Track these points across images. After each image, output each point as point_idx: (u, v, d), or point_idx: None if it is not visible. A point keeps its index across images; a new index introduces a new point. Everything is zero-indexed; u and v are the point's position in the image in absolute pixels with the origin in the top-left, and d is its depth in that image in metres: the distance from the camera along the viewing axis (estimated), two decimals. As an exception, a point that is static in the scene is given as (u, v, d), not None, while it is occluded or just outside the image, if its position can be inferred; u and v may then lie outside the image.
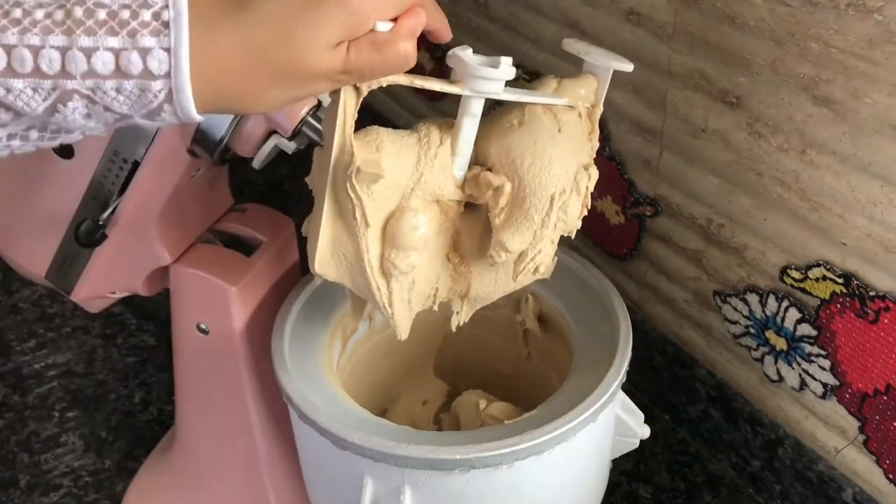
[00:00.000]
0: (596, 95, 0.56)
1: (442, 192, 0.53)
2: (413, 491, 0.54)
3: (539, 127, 0.53)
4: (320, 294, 0.66)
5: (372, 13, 0.42)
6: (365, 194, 0.50)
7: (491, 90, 0.50)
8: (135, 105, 0.40)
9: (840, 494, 0.69)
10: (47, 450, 0.85)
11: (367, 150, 0.50)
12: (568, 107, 0.55)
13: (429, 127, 0.53)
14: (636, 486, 0.79)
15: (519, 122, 0.53)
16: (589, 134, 0.56)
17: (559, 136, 0.53)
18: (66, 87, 0.39)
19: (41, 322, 1.00)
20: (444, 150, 0.52)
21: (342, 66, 0.42)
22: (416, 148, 0.52)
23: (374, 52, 0.43)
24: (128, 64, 0.38)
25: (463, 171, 0.54)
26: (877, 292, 0.61)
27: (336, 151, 0.49)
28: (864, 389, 0.64)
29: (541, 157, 0.52)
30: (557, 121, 0.54)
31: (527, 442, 0.52)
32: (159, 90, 0.39)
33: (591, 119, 0.56)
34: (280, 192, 1.17)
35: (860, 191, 0.59)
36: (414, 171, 0.51)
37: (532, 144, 0.52)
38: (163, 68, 0.38)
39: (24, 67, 0.38)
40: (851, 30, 0.55)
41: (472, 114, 0.51)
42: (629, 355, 0.59)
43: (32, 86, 0.39)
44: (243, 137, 0.58)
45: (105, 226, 0.61)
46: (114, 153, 0.60)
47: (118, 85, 0.39)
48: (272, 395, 0.68)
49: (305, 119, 0.58)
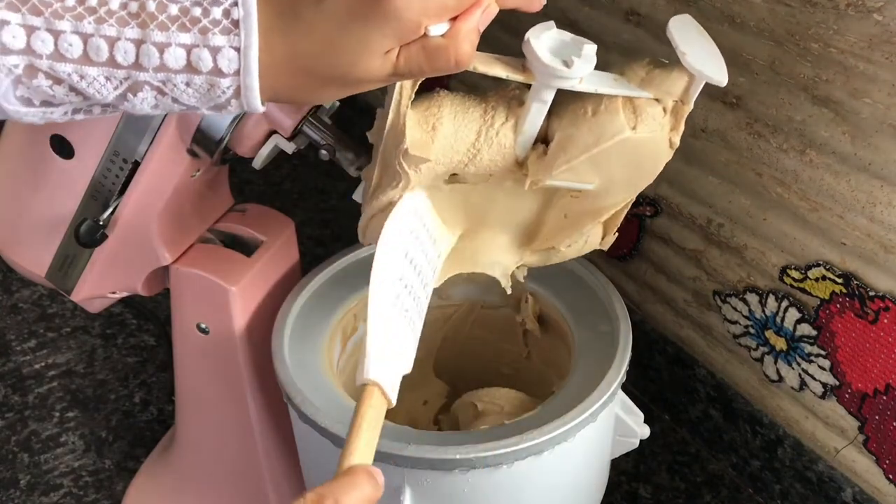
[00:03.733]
0: (687, 93, 0.49)
1: (497, 169, 0.51)
2: (413, 491, 0.54)
3: (610, 124, 0.48)
4: (320, 294, 0.66)
5: (422, 20, 0.40)
6: (412, 171, 0.50)
7: (565, 85, 0.47)
8: (203, 98, 0.41)
9: (840, 494, 0.69)
10: (47, 450, 0.85)
11: (423, 127, 0.49)
12: (653, 99, 0.49)
13: (497, 101, 0.51)
14: (636, 486, 0.79)
15: (593, 112, 0.49)
16: (670, 131, 0.50)
17: (628, 141, 0.49)
18: (139, 78, 0.40)
19: (41, 322, 1.00)
20: (508, 128, 0.50)
21: (392, 70, 0.42)
22: (479, 123, 0.50)
23: (425, 59, 0.41)
24: (198, 61, 0.39)
25: (525, 150, 0.51)
26: (876, 292, 0.61)
27: (389, 126, 0.49)
28: (863, 389, 0.64)
29: (597, 165, 0.49)
30: (635, 116, 0.49)
31: (527, 442, 0.52)
32: (228, 86, 0.40)
33: (677, 115, 0.50)
34: (280, 192, 1.17)
35: (860, 191, 0.59)
36: (471, 147, 0.50)
37: (593, 143, 0.49)
38: (232, 67, 0.39)
39: (100, 57, 0.39)
40: (851, 30, 0.55)
41: (542, 101, 0.49)
42: (629, 355, 0.59)
43: (106, 74, 0.40)
44: (243, 137, 0.58)
45: (105, 226, 0.61)
46: (114, 153, 0.60)
47: (188, 79, 0.40)
48: (272, 395, 0.68)
49: (305, 119, 0.58)
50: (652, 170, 0.51)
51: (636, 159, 0.50)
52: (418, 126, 0.49)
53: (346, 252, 0.69)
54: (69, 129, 0.60)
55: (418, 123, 0.49)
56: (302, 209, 1.12)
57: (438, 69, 0.42)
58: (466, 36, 0.41)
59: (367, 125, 0.53)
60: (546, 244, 0.57)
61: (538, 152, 0.51)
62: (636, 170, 0.50)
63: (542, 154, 0.51)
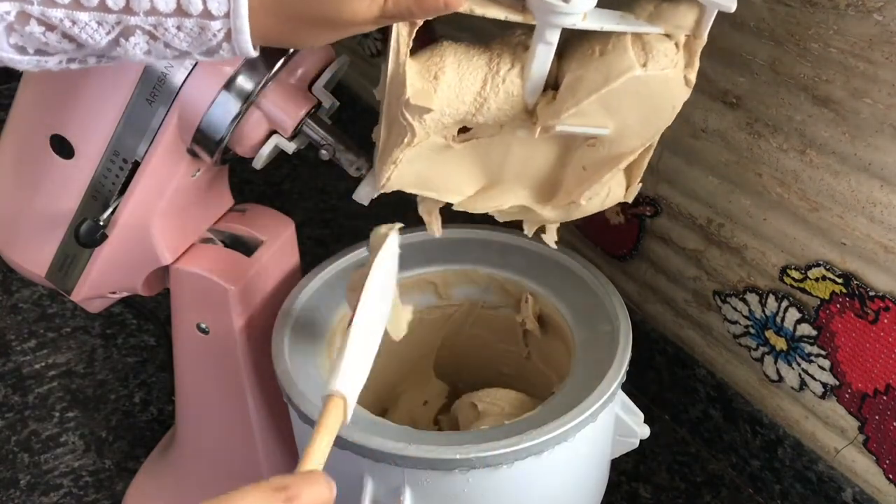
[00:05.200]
0: (699, 25, 0.47)
1: (507, 118, 0.50)
2: (413, 491, 0.54)
3: (618, 62, 0.46)
4: (320, 294, 0.66)
5: None
6: (417, 122, 0.48)
7: (567, 23, 0.45)
8: (194, 42, 0.40)
9: (840, 494, 0.69)
10: (47, 450, 0.85)
11: (425, 77, 0.48)
12: (663, 35, 0.47)
13: (502, 48, 0.49)
14: (636, 486, 0.79)
15: (600, 51, 0.47)
16: (685, 68, 0.47)
17: (638, 80, 0.46)
18: (129, 22, 0.40)
19: (41, 322, 1.00)
20: (514, 74, 0.48)
21: (380, 13, 0.41)
22: (485, 70, 0.48)
23: (414, 1, 0.41)
24: (188, 4, 0.39)
25: (535, 96, 0.49)
26: (877, 292, 0.61)
27: (389, 78, 0.48)
28: (863, 389, 0.64)
29: (608, 106, 0.47)
30: (645, 53, 0.47)
31: (527, 442, 0.52)
32: (219, 29, 0.40)
33: (690, 50, 0.47)
34: (280, 192, 1.17)
35: (860, 191, 0.59)
36: (477, 96, 0.49)
37: (602, 83, 0.47)
38: (222, 9, 0.39)
39: (90, 1, 0.39)
40: (851, 30, 0.55)
41: (547, 42, 0.47)
42: (629, 355, 0.59)
43: (97, 19, 0.39)
44: (243, 137, 0.58)
45: (105, 226, 0.61)
46: (114, 153, 0.60)
47: (179, 23, 0.40)
48: (272, 395, 0.68)
49: (305, 119, 0.58)
50: (669, 110, 0.49)
51: (650, 99, 0.48)
52: (419, 76, 0.48)
53: (346, 252, 0.69)
54: (69, 129, 0.60)
55: (419, 73, 0.48)
56: (302, 209, 1.12)
57: (428, 10, 0.41)
58: None
59: (368, 125, 0.53)
60: (566, 199, 0.54)
61: (548, 97, 0.49)
62: (652, 111, 0.48)
63: (552, 99, 0.49)
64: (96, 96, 0.58)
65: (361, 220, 0.62)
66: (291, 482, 0.40)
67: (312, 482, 0.40)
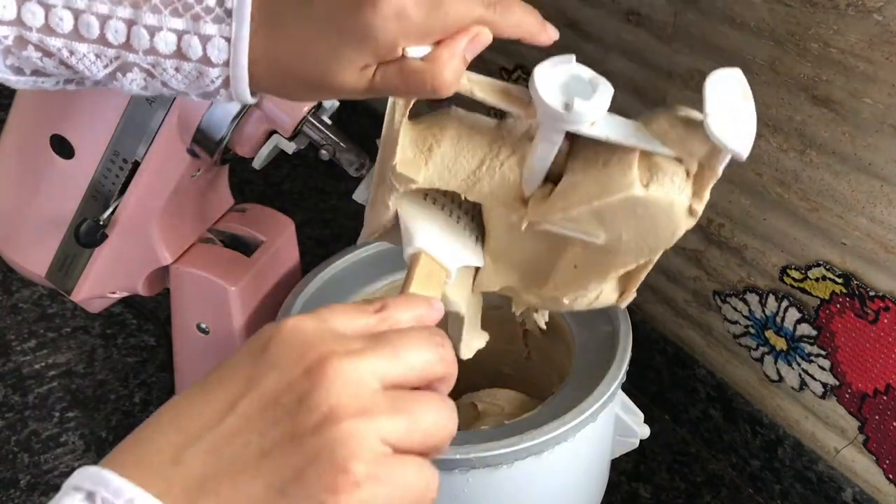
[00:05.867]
0: (713, 157, 0.43)
1: (498, 202, 0.47)
2: (413, 491, 0.54)
3: (619, 178, 0.43)
4: (320, 294, 0.66)
5: (399, 41, 0.39)
6: (403, 189, 0.47)
7: (570, 128, 0.42)
8: (192, 85, 0.40)
9: (840, 494, 0.69)
10: (47, 450, 0.85)
11: (419, 146, 0.46)
12: (675, 158, 0.43)
13: (508, 132, 0.47)
14: (636, 486, 0.79)
15: (604, 162, 0.44)
16: (692, 197, 0.44)
17: (636, 200, 0.43)
18: (128, 59, 0.39)
19: (41, 322, 1.00)
20: (514, 161, 0.46)
21: (367, 86, 0.40)
22: (485, 151, 0.46)
23: (401, 80, 0.40)
24: (188, 48, 0.39)
25: (533, 187, 0.47)
26: (877, 292, 0.61)
27: (382, 139, 0.47)
28: (863, 389, 0.64)
29: (601, 219, 0.44)
30: (650, 173, 0.43)
31: (527, 442, 0.52)
32: (217, 76, 0.40)
33: (701, 181, 0.43)
34: (280, 192, 1.17)
35: (860, 191, 0.59)
36: (471, 175, 0.46)
37: (595, 196, 0.44)
38: (221, 57, 0.39)
39: (90, 33, 0.39)
40: (851, 30, 0.55)
41: (551, 142, 0.44)
42: (629, 355, 0.59)
43: (96, 52, 0.39)
44: (243, 137, 0.58)
45: (105, 226, 0.61)
46: (114, 153, 0.60)
47: (177, 65, 0.39)
48: (272, 395, 0.68)
49: (305, 119, 0.58)
50: (669, 235, 0.45)
51: (648, 220, 0.44)
52: (413, 144, 0.46)
53: (346, 252, 0.69)
54: (69, 129, 0.60)
55: (414, 141, 0.47)
56: (302, 209, 1.12)
57: (414, 93, 0.41)
58: (447, 62, 0.39)
59: (367, 125, 0.53)
60: (554, 292, 0.52)
61: (543, 192, 0.47)
62: (649, 232, 0.45)
63: (547, 195, 0.46)
64: (96, 96, 0.58)
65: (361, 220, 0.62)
66: (378, 300, 0.37)
67: (403, 302, 0.38)
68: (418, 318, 0.37)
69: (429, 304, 0.38)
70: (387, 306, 0.36)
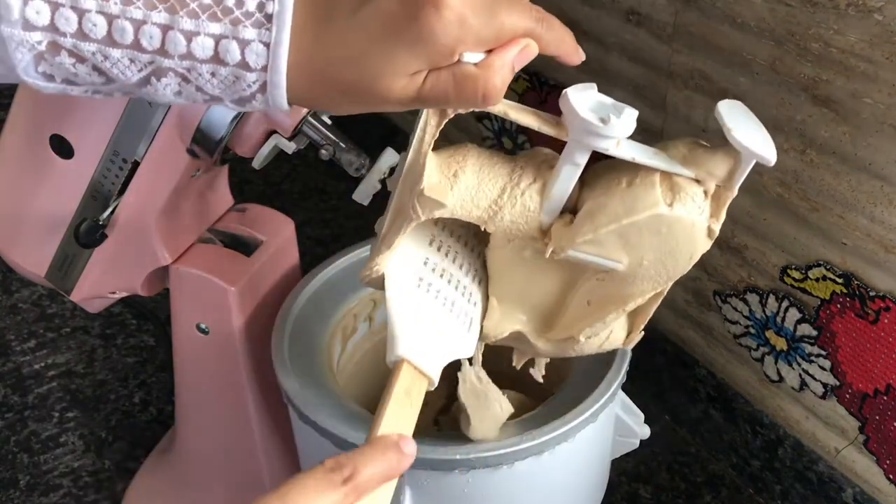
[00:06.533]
0: (731, 177, 0.45)
1: (519, 232, 0.47)
2: (413, 491, 0.54)
3: (645, 197, 0.45)
4: (320, 294, 0.66)
5: (458, 47, 0.38)
6: (425, 217, 0.46)
7: (600, 146, 0.43)
8: (227, 90, 0.40)
9: (840, 494, 0.69)
10: (47, 450, 0.85)
11: (444, 172, 0.46)
12: (693, 180, 0.45)
13: (527, 161, 0.47)
14: (636, 486, 0.79)
15: (628, 183, 0.45)
16: (710, 217, 0.46)
17: (661, 218, 0.45)
18: (163, 64, 0.39)
19: (41, 322, 1.00)
20: (534, 190, 0.47)
21: (415, 94, 0.40)
22: (505, 180, 0.47)
23: (453, 86, 0.39)
24: (226, 53, 0.38)
25: (552, 216, 0.47)
26: (877, 292, 0.61)
27: (408, 165, 0.46)
28: (864, 389, 0.64)
29: (626, 240, 0.46)
30: (672, 194, 0.45)
31: (527, 442, 0.52)
32: (254, 81, 0.39)
33: (718, 201, 0.45)
34: (280, 192, 1.17)
35: (860, 191, 0.59)
36: (493, 204, 0.47)
37: (624, 214, 0.45)
38: (260, 62, 0.38)
39: (124, 39, 0.38)
40: (851, 30, 0.55)
41: (575, 163, 0.45)
42: (629, 355, 0.59)
43: (130, 56, 0.39)
44: (243, 137, 0.58)
45: (105, 226, 0.61)
46: (114, 153, 0.60)
47: (214, 69, 0.39)
48: (272, 395, 0.68)
49: (305, 119, 0.58)
50: (686, 257, 0.46)
51: (670, 241, 0.46)
52: (438, 170, 0.46)
53: (346, 252, 0.69)
54: (69, 128, 0.60)
55: (439, 167, 0.46)
56: (302, 209, 1.12)
57: (465, 100, 0.40)
58: (499, 70, 0.39)
59: (368, 125, 0.53)
60: (565, 332, 0.52)
61: (565, 220, 0.47)
62: (669, 254, 0.46)
63: (569, 223, 0.47)
64: (96, 96, 0.58)
65: (361, 220, 0.62)
66: (346, 459, 0.37)
67: (373, 453, 0.38)
68: (388, 473, 0.38)
69: (398, 452, 0.39)
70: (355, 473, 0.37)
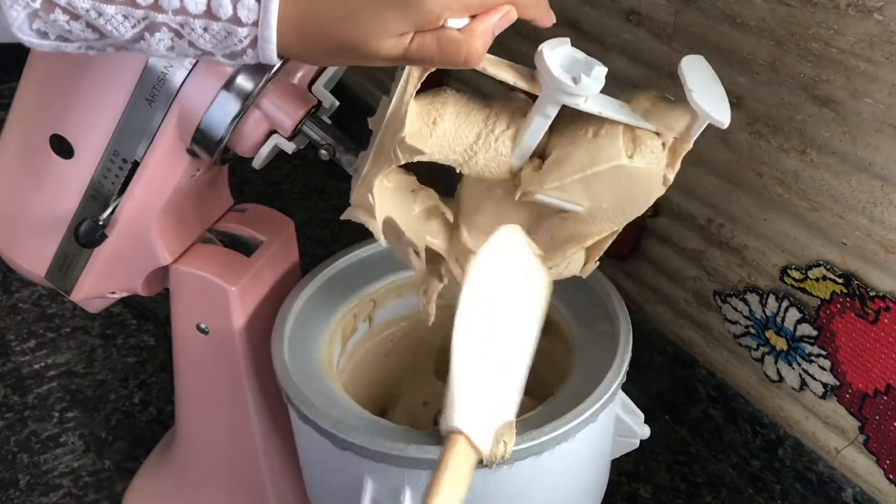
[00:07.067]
0: (688, 131, 0.49)
1: (491, 175, 0.52)
2: (413, 491, 0.54)
3: (608, 149, 0.49)
4: (320, 294, 0.66)
5: (443, 13, 0.41)
6: (405, 160, 0.50)
7: (569, 102, 0.47)
8: (219, 45, 0.41)
9: (840, 494, 0.69)
10: (47, 450, 0.85)
11: (424, 120, 0.50)
12: (654, 132, 0.49)
13: (501, 108, 0.51)
14: (636, 486, 0.79)
15: (593, 133, 0.49)
16: (666, 167, 0.50)
17: (622, 169, 0.49)
18: (156, 19, 0.40)
19: (41, 322, 1.00)
20: (507, 136, 0.50)
21: (401, 54, 0.42)
22: (480, 126, 0.50)
23: (437, 49, 0.42)
24: (218, 8, 0.39)
25: (522, 161, 0.51)
26: (877, 292, 0.61)
27: (390, 113, 0.50)
28: (864, 389, 0.64)
29: (588, 187, 0.49)
30: (634, 146, 0.49)
31: (527, 442, 0.52)
32: (245, 36, 0.40)
33: (675, 152, 0.49)
34: (280, 192, 1.17)
35: (860, 191, 0.59)
36: (468, 149, 0.51)
37: (588, 164, 0.49)
38: (251, 17, 0.40)
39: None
40: (851, 30, 0.55)
41: (546, 115, 0.49)
42: (629, 355, 0.59)
43: (123, 13, 0.40)
44: (243, 137, 0.58)
45: (105, 226, 0.61)
46: (114, 153, 0.60)
47: (206, 24, 0.40)
48: (272, 395, 0.68)
49: (305, 119, 0.58)
50: (642, 202, 0.51)
51: (628, 189, 0.50)
52: (419, 117, 0.50)
53: (346, 252, 0.69)
54: (69, 128, 0.60)
55: (419, 115, 0.50)
56: (302, 209, 1.12)
57: (448, 61, 0.43)
58: (482, 35, 0.42)
59: (367, 125, 0.53)
60: None
61: (533, 165, 0.51)
62: (626, 199, 0.50)
63: (537, 168, 0.51)
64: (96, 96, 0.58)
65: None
66: None
67: None
68: None
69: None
70: None
